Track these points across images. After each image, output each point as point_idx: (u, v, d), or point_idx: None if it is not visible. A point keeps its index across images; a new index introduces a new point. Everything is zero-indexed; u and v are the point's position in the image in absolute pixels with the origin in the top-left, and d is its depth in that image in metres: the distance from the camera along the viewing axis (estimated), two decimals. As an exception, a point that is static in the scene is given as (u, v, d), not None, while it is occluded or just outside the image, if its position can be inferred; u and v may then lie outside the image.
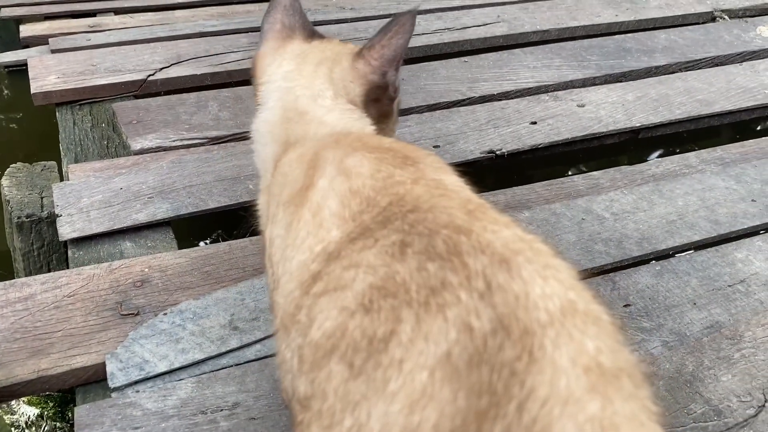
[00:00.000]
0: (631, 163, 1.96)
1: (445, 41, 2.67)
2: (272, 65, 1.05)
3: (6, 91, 3.08)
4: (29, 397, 1.50)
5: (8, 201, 1.67)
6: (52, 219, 1.62)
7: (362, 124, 0.97)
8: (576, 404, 0.52)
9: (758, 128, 2.71)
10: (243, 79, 2.35)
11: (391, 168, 0.78)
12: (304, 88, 1.00)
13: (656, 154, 2.49)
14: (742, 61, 2.61)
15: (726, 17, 3.06)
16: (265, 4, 3.38)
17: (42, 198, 1.69)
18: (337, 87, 0.99)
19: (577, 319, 0.57)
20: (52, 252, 1.69)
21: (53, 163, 1.83)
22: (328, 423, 0.60)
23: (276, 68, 1.05)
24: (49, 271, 1.67)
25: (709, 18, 3.07)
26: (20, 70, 2.44)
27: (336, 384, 0.61)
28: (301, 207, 0.79)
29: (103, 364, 1.21)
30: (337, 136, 0.89)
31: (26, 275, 1.62)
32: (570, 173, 2.38)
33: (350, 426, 0.58)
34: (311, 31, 1.10)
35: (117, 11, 2.99)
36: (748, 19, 2.99)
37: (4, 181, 1.73)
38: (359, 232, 0.71)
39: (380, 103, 1.02)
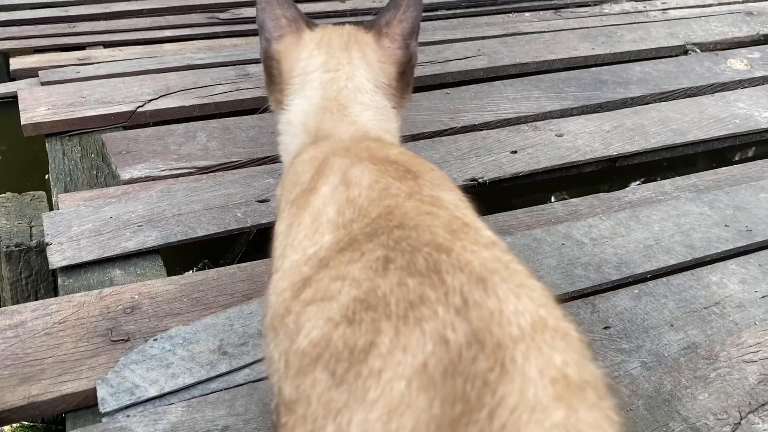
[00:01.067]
0: (611, 191, 2.02)
1: (428, 74, 2.74)
2: (301, 58, 1.07)
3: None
4: (14, 427, 1.50)
5: (-2, 230, 1.68)
6: (41, 248, 1.63)
7: (387, 126, 1.01)
8: (543, 412, 0.56)
9: (734, 159, 2.79)
10: (231, 110, 2.40)
11: (390, 180, 0.82)
12: (347, 79, 1.03)
13: (636, 182, 2.56)
14: (713, 92, 2.70)
15: (698, 50, 3.17)
16: (251, 38, 3.40)
17: (31, 227, 1.70)
18: (375, 73, 1.03)
19: (547, 335, 0.61)
20: (40, 281, 1.70)
21: (42, 193, 1.85)
22: (311, 428, 0.64)
23: (307, 60, 1.06)
24: (36, 300, 1.68)
25: (682, 51, 3.18)
26: (8, 102, 2.46)
27: (319, 391, 0.65)
28: (303, 210, 0.84)
29: (94, 390, 1.22)
30: (349, 143, 0.93)
31: (13, 304, 1.63)
32: (550, 200, 2.44)
33: None
34: (306, 19, 1.12)
35: (106, 44, 3.03)
36: (719, 52, 3.11)
37: (-6, 211, 1.75)
38: (347, 242, 0.75)
39: (405, 76, 1.07)
